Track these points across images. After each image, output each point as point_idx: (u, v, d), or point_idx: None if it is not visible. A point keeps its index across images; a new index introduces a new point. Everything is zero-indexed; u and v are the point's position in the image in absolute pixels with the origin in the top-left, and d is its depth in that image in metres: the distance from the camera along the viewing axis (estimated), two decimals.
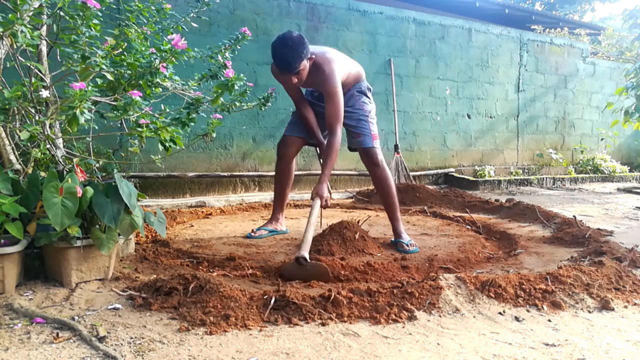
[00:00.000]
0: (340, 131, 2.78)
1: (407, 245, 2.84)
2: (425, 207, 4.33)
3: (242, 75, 2.46)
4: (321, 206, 2.65)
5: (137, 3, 2.40)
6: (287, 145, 3.12)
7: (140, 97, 1.99)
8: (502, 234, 3.37)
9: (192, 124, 2.27)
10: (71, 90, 1.79)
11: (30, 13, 1.88)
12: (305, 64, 2.66)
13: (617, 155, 8.31)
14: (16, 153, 2.22)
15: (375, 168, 2.97)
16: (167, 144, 2.13)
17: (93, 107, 2.03)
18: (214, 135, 2.42)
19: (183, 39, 2.11)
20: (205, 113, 2.53)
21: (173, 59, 2.15)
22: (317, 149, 3.25)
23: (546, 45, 7.30)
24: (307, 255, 2.30)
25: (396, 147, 5.67)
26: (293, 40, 2.59)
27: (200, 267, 2.43)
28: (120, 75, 2.15)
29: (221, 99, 2.50)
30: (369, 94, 3.10)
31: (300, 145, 3.17)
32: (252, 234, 3.11)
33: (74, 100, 1.79)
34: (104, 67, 1.96)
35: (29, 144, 2.21)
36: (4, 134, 2.16)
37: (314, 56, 2.71)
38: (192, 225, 3.51)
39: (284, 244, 2.95)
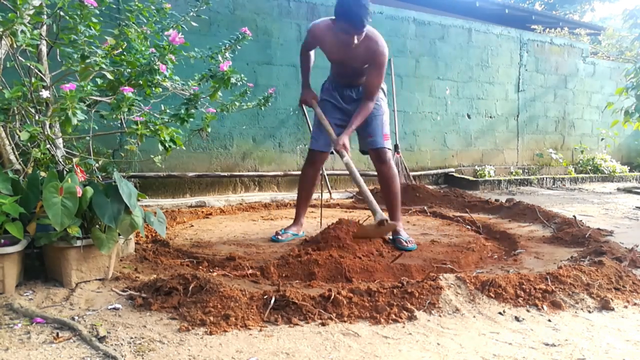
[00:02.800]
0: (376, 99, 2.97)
1: (405, 242, 2.86)
2: (425, 207, 4.33)
3: (242, 75, 2.45)
4: (343, 156, 2.88)
5: (137, 3, 2.40)
6: (315, 161, 3.19)
7: (132, 92, 1.98)
8: (502, 234, 3.36)
9: (191, 119, 2.27)
10: (62, 91, 1.78)
11: (31, 12, 1.88)
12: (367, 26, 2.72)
13: (617, 155, 8.31)
14: (16, 153, 2.22)
15: (382, 166, 3.02)
16: (166, 144, 2.12)
17: (85, 107, 2.03)
18: (209, 130, 2.41)
19: (180, 34, 2.10)
20: (204, 110, 2.52)
21: (171, 55, 2.14)
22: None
23: (546, 45, 7.30)
24: (387, 217, 2.72)
25: (396, 147, 5.66)
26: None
27: (200, 267, 2.42)
28: (120, 75, 2.15)
29: (221, 98, 2.50)
30: (385, 89, 3.12)
31: (326, 157, 3.25)
32: (279, 237, 3.05)
33: (65, 101, 1.78)
34: (103, 66, 1.96)
35: (29, 144, 2.21)
36: (4, 134, 2.16)
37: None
38: (192, 225, 3.51)
39: (284, 244, 2.96)
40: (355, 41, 2.68)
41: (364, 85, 2.96)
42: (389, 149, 3.03)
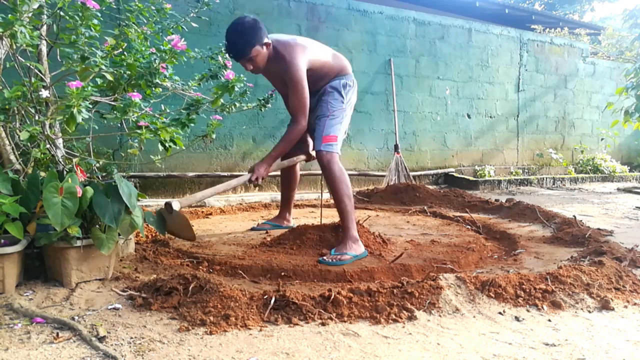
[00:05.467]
0: (303, 121, 2.71)
1: (333, 256, 2.46)
2: (425, 207, 4.33)
3: (241, 76, 2.46)
4: (250, 180, 2.71)
5: (137, 3, 2.40)
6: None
7: (140, 98, 1.99)
8: (502, 234, 3.36)
9: (192, 124, 2.28)
10: (68, 89, 1.79)
11: (30, 14, 1.88)
12: (259, 50, 2.59)
13: (617, 155, 8.31)
14: (16, 153, 2.22)
15: (323, 170, 2.78)
16: (167, 145, 2.13)
17: (91, 107, 2.03)
18: (214, 136, 2.42)
19: (183, 39, 2.11)
20: (205, 114, 2.53)
21: (173, 59, 2.15)
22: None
23: (546, 45, 7.30)
24: (176, 206, 2.43)
25: (396, 147, 5.67)
26: (243, 25, 2.56)
27: (200, 267, 2.42)
28: (120, 76, 2.15)
29: (221, 100, 2.50)
30: (344, 91, 2.85)
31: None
32: (255, 226, 3.28)
33: (71, 99, 1.79)
34: (103, 67, 1.97)
35: (29, 144, 2.21)
36: (4, 134, 2.16)
37: (270, 42, 2.64)
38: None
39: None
40: (250, 67, 2.64)
41: (289, 108, 2.79)
42: (328, 151, 2.72)
